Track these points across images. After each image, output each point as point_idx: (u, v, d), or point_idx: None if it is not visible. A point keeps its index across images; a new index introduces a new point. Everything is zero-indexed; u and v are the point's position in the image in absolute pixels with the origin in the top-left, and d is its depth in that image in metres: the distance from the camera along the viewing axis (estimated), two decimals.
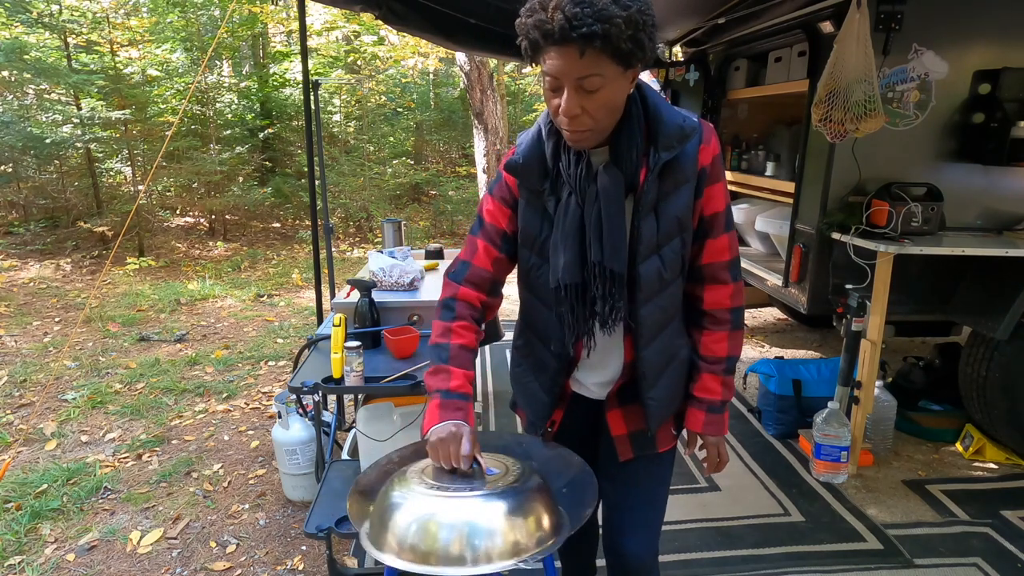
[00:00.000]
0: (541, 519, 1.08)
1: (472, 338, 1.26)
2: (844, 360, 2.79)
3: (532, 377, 1.39)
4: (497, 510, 1.05)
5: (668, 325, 1.28)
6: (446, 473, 1.14)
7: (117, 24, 7.71)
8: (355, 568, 2.23)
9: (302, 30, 3.21)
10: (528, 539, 1.05)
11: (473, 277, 1.29)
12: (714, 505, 2.56)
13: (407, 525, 1.05)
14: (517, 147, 1.25)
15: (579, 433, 1.44)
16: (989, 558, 2.23)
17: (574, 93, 1.05)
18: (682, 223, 1.20)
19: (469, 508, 1.05)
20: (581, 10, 0.96)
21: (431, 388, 1.22)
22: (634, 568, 1.43)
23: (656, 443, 1.37)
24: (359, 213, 8.98)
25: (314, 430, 2.48)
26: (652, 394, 1.29)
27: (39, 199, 7.67)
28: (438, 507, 1.06)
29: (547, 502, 1.12)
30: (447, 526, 1.03)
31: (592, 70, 1.02)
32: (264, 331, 4.90)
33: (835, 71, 2.56)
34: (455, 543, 1.02)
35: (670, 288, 1.24)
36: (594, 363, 1.34)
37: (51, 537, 2.42)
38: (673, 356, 1.32)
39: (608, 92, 1.05)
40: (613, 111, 1.10)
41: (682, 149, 1.15)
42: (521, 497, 1.08)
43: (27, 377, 3.90)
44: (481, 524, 1.04)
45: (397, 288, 2.53)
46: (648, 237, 1.18)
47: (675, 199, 1.18)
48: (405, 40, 8.69)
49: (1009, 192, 2.87)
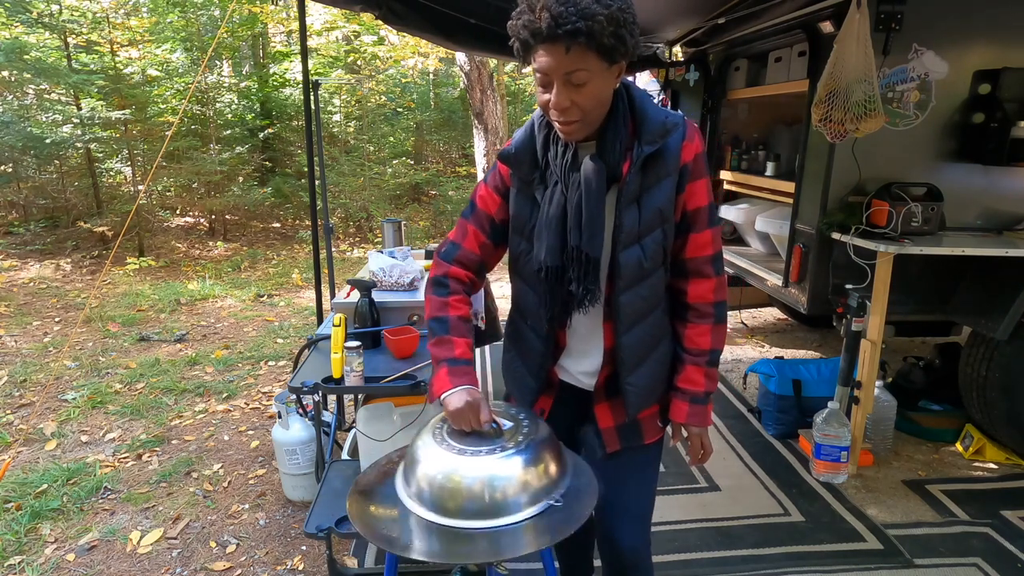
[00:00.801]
0: (549, 467, 1.21)
1: (466, 310, 1.37)
2: (844, 360, 2.79)
3: (520, 362, 1.45)
4: (517, 464, 1.17)
5: (649, 314, 1.33)
6: (466, 435, 1.24)
7: (117, 24, 7.71)
8: (355, 568, 2.23)
9: (302, 30, 3.21)
10: (549, 483, 1.19)
11: (462, 258, 1.38)
12: (714, 505, 2.56)
13: (434, 477, 1.17)
14: (512, 140, 1.33)
15: (567, 423, 1.49)
16: (989, 558, 2.23)
17: (563, 87, 1.12)
18: (663, 215, 1.25)
19: (494, 465, 1.17)
20: (566, 9, 1.04)
21: (437, 358, 1.32)
22: (628, 560, 1.47)
23: (642, 434, 1.41)
24: (359, 213, 8.98)
25: (314, 430, 2.48)
26: (631, 380, 1.34)
27: (39, 199, 7.67)
28: (463, 464, 1.17)
29: (555, 450, 1.25)
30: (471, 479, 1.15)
31: (578, 65, 1.09)
32: (264, 331, 4.90)
33: (835, 71, 2.56)
34: (485, 495, 1.14)
35: (651, 278, 1.29)
36: (577, 349, 1.40)
37: (51, 537, 2.42)
38: (654, 346, 1.36)
39: (594, 86, 1.13)
40: (600, 104, 1.17)
41: (664, 143, 1.22)
42: (537, 448, 1.21)
43: (27, 377, 3.90)
44: (504, 475, 1.16)
45: (397, 288, 2.53)
46: (629, 227, 1.23)
47: (657, 191, 1.24)
48: (405, 40, 8.69)
49: (1009, 192, 2.87)
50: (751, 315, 5.12)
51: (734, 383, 3.78)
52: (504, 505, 1.13)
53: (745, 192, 4.03)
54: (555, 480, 1.20)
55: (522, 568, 2.17)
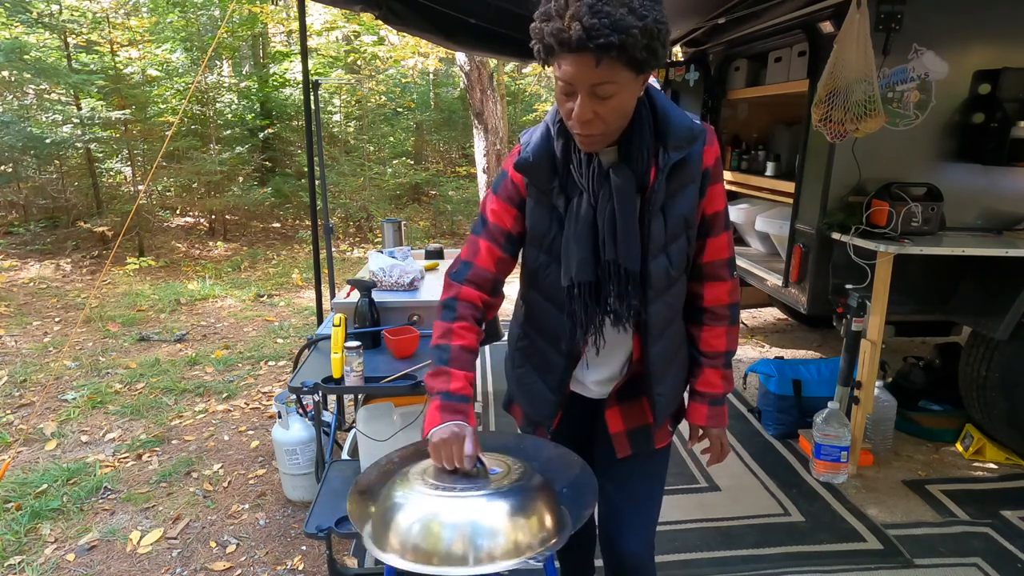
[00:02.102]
0: (544, 518, 1.09)
1: (473, 339, 1.26)
2: (844, 360, 2.79)
3: (537, 377, 1.39)
4: (500, 509, 1.06)
5: (673, 322, 1.33)
6: (448, 474, 1.14)
7: (117, 24, 7.71)
8: (355, 568, 2.22)
9: (302, 30, 3.21)
10: (531, 538, 1.06)
11: (475, 277, 1.29)
12: (714, 505, 2.56)
13: (410, 525, 1.05)
14: (524, 146, 1.24)
15: (576, 433, 1.46)
16: (989, 558, 2.23)
17: (588, 99, 1.06)
18: (688, 222, 1.23)
19: (473, 508, 1.06)
20: (599, 21, 0.97)
21: (432, 390, 1.22)
22: (631, 566, 1.45)
23: (653, 440, 1.40)
24: (359, 213, 8.98)
25: (314, 430, 2.48)
26: (660, 389, 1.33)
27: (39, 199, 7.67)
28: (441, 507, 1.06)
29: (549, 501, 1.13)
30: (450, 526, 1.04)
31: (607, 78, 1.03)
32: (264, 331, 4.90)
33: (835, 71, 2.56)
34: (458, 543, 1.02)
35: (676, 286, 1.29)
36: (598, 361, 1.36)
37: (51, 537, 2.42)
38: (677, 352, 1.36)
39: (621, 98, 1.08)
40: (624, 115, 1.13)
41: (690, 150, 1.18)
42: (524, 496, 1.09)
43: (27, 377, 3.90)
44: (484, 524, 1.04)
45: (397, 288, 2.52)
46: (657, 235, 1.20)
47: (681, 199, 1.21)
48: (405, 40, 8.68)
49: (1009, 192, 2.87)
50: (751, 315, 5.12)
51: (734, 383, 3.78)
52: (474, 557, 1.02)
53: (745, 192, 4.03)
54: (539, 536, 1.07)
55: (522, 568, 2.17)
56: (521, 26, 1.37)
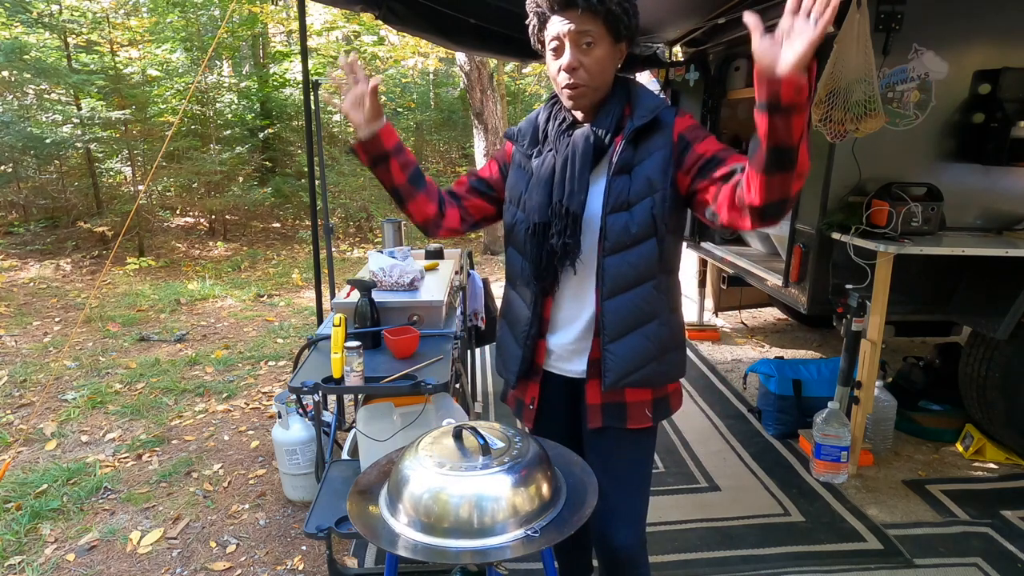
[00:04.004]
0: (541, 488, 1.16)
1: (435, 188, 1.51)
2: (844, 360, 2.79)
3: (507, 331, 1.53)
4: (504, 483, 1.12)
5: (638, 285, 1.35)
6: (453, 452, 1.18)
7: (117, 24, 7.71)
8: (355, 568, 2.23)
9: (302, 30, 3.21)
10: (532, 506, 1.13)
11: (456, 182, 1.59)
12: (714, 505, 2.56)
13: (420, 495, 1.11)
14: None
15: (560, 415, 1.52)
16: (989, 558, 2.23)
17: (574, 48, 1.27)
18: (652, 184, 1.31)
19: (479, 483, 1.12)
20: None
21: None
22: (623, 558, 1.48)
23: (626, 418, 1.42)
24: (359, 213, 8.98)
25: (314, 430, 2.48)
26: (611, 347, 1.36)
27: (39, 199, 7.68)
28: (448, 483, 1.11)
29: (547, 471, 1.19)
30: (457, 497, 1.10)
31: (588, 26, 1.25)
32: (264, 331, 4.90)
33: (835, 71, 2.55)
34: (466, 512, 1.09)
35: (642, 246, 1.33)
36: (564, 319, 1.44)
37: (51, 537, 2.42)
38: (642, 320, 1.37)
39: (601, 51, 1.28)
40: (603, 72, 1.31)
41: (657, 118, 1.32)
42: (526, 468, 1.15)
43: (27, 377, 3.90)
44: (489, 494, 1.11)
45: (397, 288, 2.52)
46: (618, 193, 1.32)
47: (649, 162, 1.32)
48: (405, 40, 8.68)
49: (1009, 192, 2.87)
50: (751, 315, 5.12)
51: (734, 383, 3.78)
52: (486, 528, 1.08)
53: None
54: (544, 502, 1.14)
55: (522, 568, 2.17)
56: (521, 26, 1.43)
